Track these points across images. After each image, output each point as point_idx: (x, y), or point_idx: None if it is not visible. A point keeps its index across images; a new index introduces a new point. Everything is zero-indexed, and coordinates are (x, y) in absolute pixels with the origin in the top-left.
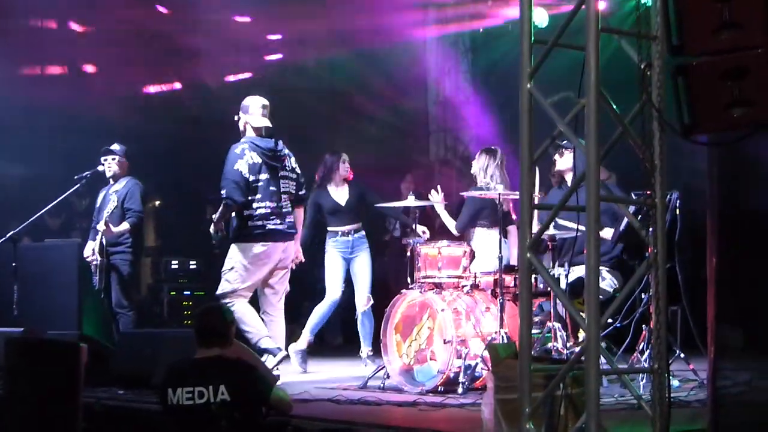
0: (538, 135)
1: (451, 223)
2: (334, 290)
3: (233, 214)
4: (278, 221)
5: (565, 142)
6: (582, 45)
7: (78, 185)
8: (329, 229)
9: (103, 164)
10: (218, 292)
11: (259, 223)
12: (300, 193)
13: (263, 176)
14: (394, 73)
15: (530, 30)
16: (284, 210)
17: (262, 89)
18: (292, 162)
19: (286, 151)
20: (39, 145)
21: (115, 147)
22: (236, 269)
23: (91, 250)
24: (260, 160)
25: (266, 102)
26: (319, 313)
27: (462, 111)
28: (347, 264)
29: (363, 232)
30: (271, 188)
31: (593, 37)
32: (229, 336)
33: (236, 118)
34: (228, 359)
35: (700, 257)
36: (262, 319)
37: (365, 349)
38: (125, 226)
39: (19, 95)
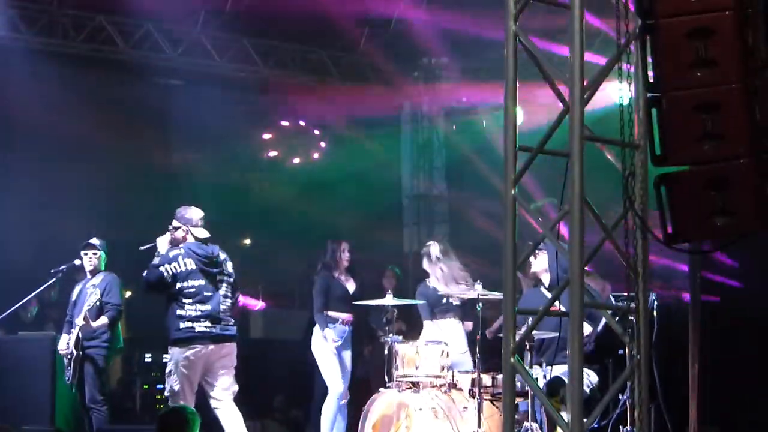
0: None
1: None
2: (337, 383)
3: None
4: (209, 324)
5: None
6: (566, 152)
7: (54, 279)
8: (330, 314)
9: (82, 258)
10: (166, 394)
11: (190, 325)
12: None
13: (197, 282)
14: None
15: (514, 136)
16: (221, 314)
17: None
18: (228, 267)
19: (223, 256)
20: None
21: (96, 241)
22: (173, 372)
23: (65, 343)
24: (195, 267)
25: (203, 213)
26: (330, 412)
27: (435, 206)
28: (339, 353)
29: None
30: (206, 293)
31: (577, 146)
32: None
33: (171, 227)
34: None
35: (672, 354)
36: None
37: None
38: (104, 320)
39: None
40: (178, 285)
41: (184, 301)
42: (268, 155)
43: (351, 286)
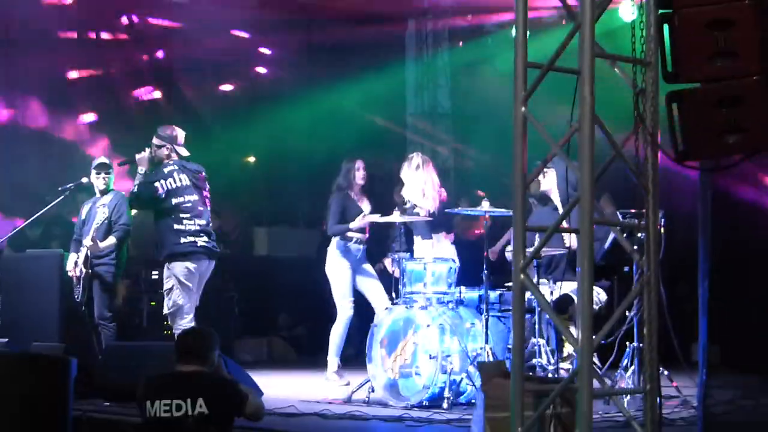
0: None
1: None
2: (346, 307)
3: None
4: (206, 239)
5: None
6: (576, 69)
7: (62, 197)
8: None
9: (96, 178)
10: (168, 310)
11: (192, 239)
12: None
13: (192, 197)
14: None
15: (525, 53)
16: (211, 229)
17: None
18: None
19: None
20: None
21: (107, 161)
22: (175, 286)
23: (73, 262)
24: (189, 182)
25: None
26: (338, 334)
27: (442, 124)
28: (353, 275)
29: None
30: (200, 208)
31: (588, 63)
32: (208, 358)
33: (154, 146)
34: (206, 374)
35: (675, 274)
36: None
37: None
38: (112, 240)
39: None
40: (174, 200)
41: (182, 216)
42: None
43: (366, 206)
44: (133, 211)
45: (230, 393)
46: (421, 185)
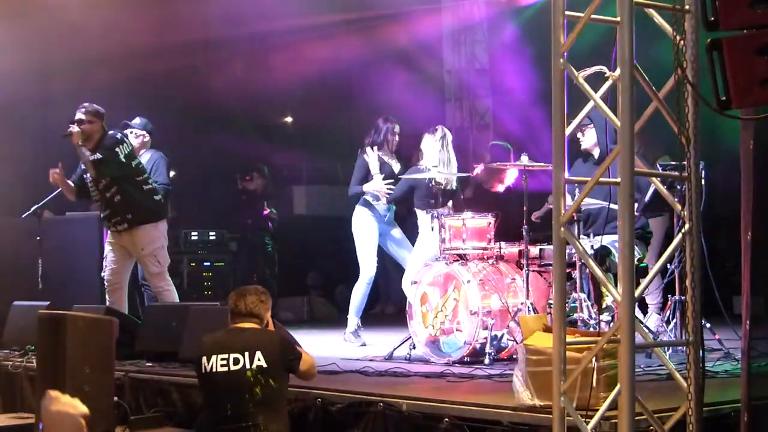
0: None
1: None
2: (369, 266)
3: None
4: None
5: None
6: (615, 18)
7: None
8: (374, 191)
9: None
10: (153, 273)
11: (160, 198)
12: None
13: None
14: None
15: (563, 4)
16: None
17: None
18: None
19: None
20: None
21: (136, 121)
22: (163, 247)
23: None
24: None
25: None
26: (359, 294)
27: (478, 79)
28: (379, 236)
29: None
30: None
31: (627, 11)
32: (262, 316)
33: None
34: (262, 330)
35: (715, 227)
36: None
37: None
38: None
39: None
40: None
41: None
42: None
43: (396, 165)
44: (172, 173)
45: (286, 349)
46: (440, 157)
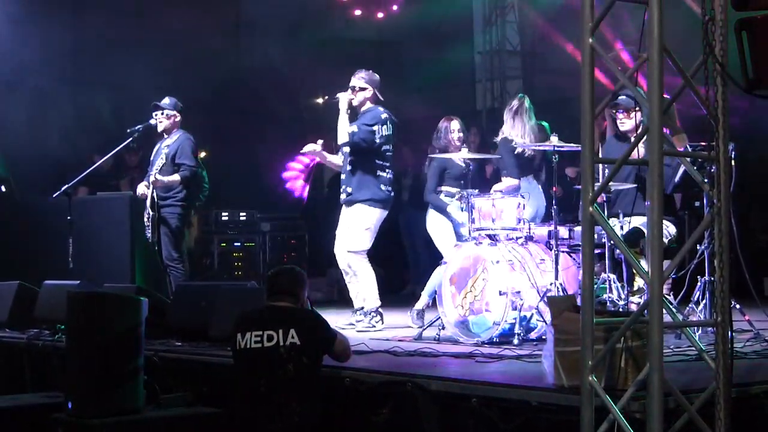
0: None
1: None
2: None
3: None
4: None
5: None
6: None
7: (130, 139)
8: (449, 189)
9: (154, 118)
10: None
11: (388, 188)
12: None
13: (391, 147)
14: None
15: None
16: None
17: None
18: None
19: None
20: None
21: (165, 101)
22: (368, 230)
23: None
24: (392, 132)
25: None
26: (438, 278)
27: (509, 61)
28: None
29: None
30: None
31: None
32: (298, 296)
33: (357, 87)
34: (298, 308)
35: (747, 209)
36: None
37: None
38: (176, 177)
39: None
40: (384, 147)
41: (385, 164)
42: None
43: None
44: (203, 153)
45: (321, 329)
46: (517, 125)
